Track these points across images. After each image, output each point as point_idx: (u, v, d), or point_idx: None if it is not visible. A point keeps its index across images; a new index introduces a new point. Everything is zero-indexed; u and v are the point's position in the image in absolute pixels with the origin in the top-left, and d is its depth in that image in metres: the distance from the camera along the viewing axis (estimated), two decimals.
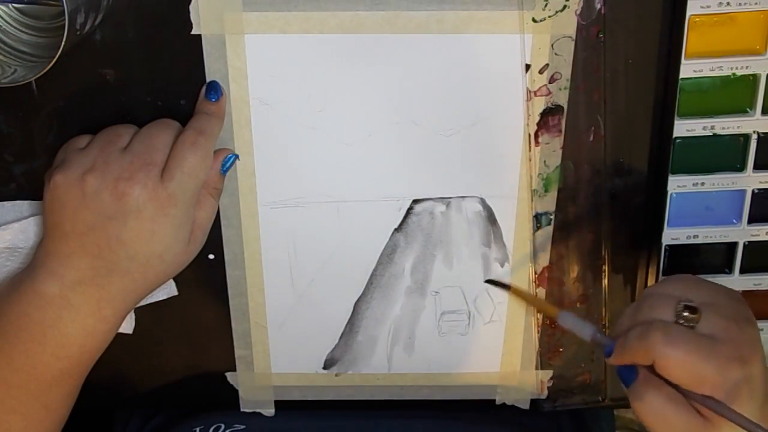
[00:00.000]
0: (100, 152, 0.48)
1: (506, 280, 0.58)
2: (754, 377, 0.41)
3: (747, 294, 0.57)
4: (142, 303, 0.53)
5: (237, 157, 0.53)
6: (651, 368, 0.42)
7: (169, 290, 0.57)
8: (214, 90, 0.51)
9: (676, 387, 0.42)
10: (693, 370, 0.40)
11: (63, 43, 0.43)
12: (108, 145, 0.49)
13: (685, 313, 0.42)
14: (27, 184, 0.55)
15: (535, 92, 0.52)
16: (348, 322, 0.59)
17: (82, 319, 0.48)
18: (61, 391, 0.50)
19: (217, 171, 0.52)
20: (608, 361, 0.45)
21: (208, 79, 0.52)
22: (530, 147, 0.54)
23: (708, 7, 0.49)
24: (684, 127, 0.52)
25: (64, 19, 0.42)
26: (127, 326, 0.58)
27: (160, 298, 0.57)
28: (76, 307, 0.48)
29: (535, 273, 0.58)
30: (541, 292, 0.58)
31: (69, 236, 0.48)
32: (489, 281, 0.58)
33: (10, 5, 0.49)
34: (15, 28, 0.49)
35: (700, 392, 0.41)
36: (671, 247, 0.56)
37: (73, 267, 0.48)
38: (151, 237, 0.48)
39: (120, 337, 0.59)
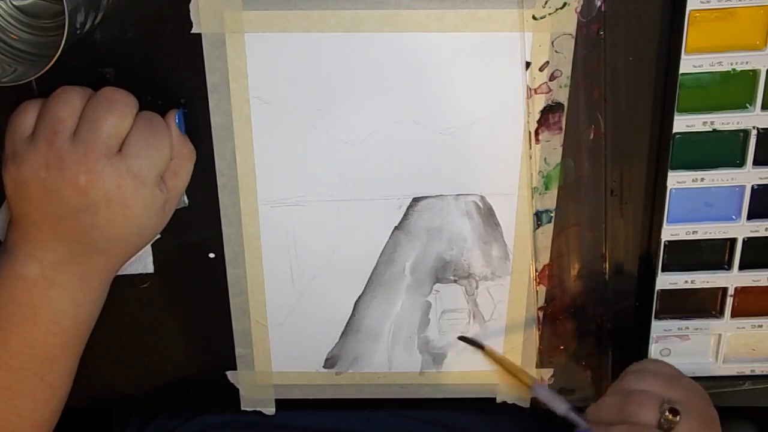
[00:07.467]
0: (48, 147, 0.45)
1: (479, 340, 0.60)
2: None
3: (746, 290, 0.57)
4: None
5: (184, 111, 0.52)
6: None
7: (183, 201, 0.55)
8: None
9: None
10: None
11: (63, 41, 0.43)
12: (54, 135, 0.46)
13: (668, 415, 0.47)
14: None
15: (535, 90, 0.52)
16: (348, 321, 0.59)
17: (69, 294, 0.48)
18: (62, 366, 0.50)
19: (178, 134, 0.50)
20: None
21: (208, 78, 0.51)
22: (530, 144, 0.54)
23: (708, 2, 0.49)
24: (684, 123, 0.52)
25: (64, 18, 0.42)
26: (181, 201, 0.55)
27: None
28: (62, 284, 0.48)
29: (536, 271, 0.58)
30: (542, 290, 0.58)
31: (40, 225, 0.47)
32: (462, 338, 0.60)
33: (9, 2, 0.49)
34: (15, 27, 0.49)
35: None
36: (671, 243, 0.56)
37: (50, 250, 0.47)
38: (125, 220, 0.48)
39: (120, 336, 0.59)
